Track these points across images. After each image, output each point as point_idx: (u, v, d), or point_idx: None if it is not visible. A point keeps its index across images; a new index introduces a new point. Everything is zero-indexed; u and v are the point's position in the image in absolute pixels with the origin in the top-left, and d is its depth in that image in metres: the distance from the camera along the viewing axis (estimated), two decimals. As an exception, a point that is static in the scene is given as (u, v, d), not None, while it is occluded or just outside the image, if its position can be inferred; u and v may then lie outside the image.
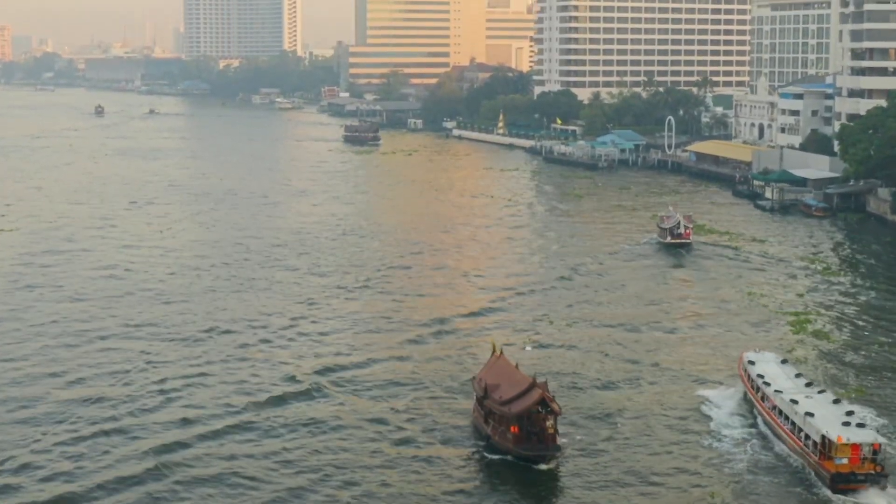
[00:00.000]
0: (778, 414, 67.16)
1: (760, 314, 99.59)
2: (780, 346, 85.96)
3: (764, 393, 69.84)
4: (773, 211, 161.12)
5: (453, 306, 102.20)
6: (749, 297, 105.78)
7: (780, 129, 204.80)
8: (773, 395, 68.32)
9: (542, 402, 64.05)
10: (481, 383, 68.29)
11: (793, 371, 73.56)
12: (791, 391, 68.30)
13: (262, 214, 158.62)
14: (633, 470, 63.47)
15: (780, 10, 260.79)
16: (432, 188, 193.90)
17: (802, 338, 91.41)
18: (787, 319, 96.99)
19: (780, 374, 72.20)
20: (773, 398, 68.10)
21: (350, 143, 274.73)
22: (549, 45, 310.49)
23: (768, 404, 68.91)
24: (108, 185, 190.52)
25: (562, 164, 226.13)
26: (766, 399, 69.30)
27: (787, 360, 77.51)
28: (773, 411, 68.02)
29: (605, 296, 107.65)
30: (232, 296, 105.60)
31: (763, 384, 70.45)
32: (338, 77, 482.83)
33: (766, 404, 69.23)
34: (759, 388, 70.77)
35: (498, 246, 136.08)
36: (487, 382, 67.58)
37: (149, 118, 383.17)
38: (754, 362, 74.51)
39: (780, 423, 66.59)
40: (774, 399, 67.93)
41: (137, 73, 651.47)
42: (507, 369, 69.82)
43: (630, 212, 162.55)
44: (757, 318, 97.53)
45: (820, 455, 61.31)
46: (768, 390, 69.31)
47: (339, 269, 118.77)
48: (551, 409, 64.09)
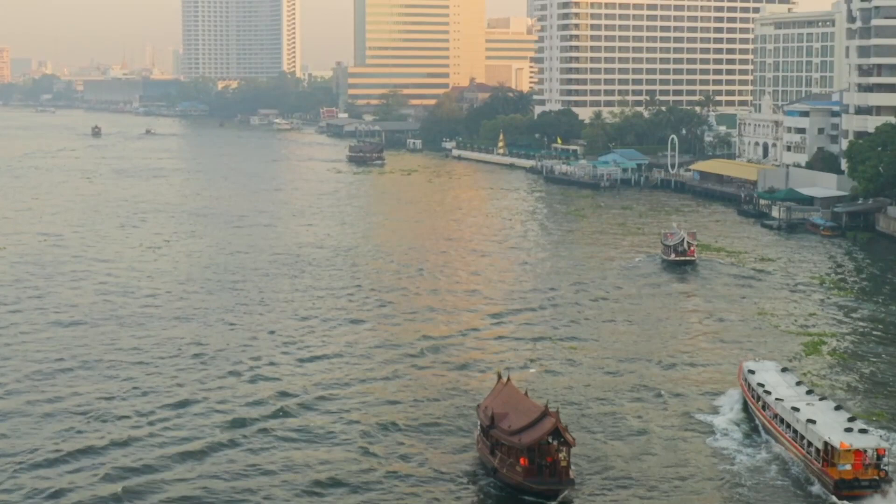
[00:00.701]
0: (779, 422, 66.43)
1: (772, 334, 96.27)
2: (794, 368, 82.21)
3: (764, 401, 69.06)
4: (780, 230, 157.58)
5: (453, 327, 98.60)
6: (759, 317, 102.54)
7: (785, 147, 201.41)
8: (774, 403, 67.47)
9: (555, 433, 59.59)
10: (487, 412, 63.67)
11: (793, 379, 72.82)
12: (792, 399, 67.42)
13: (257, 234, 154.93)
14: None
15: (784, 28, 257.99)
16: (431, 208, 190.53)
17: (816, 358, 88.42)
18: (800, 340, 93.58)
19: (781, 382, 71.37)
20: (774, 406, 67.28)
21: (354, 163, 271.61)
22: (550, 63, 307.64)
23: (769, 413, 68.15)
24: (100, 205, 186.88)
25: (563, 183, 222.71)
26: (767, 407, 68.53)
27: (788, 369, 76.52)
28: (773, 420, 67.26)
29: (609, 314, 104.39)
30: (223, 317, 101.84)
31: (763, 392, 69.61)
32: (336, 98, 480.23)
33: (767, 413, 68.47)
34: (760, 396, 70.00)
35: (498, 265, 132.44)
36: (494, 411, 63.03)
37: (145, 138, 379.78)
38: (754, 371, 73.66)
39: (782, 432, 65.86)
40: (775, 407, 67.12)
41: (136, 94, 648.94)
42: (515, 397, 65.28)
43: (634, 231, 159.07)
44: (768, 338, 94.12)
45: (823, 462, 60.63)
46: (769, 399, 68.49)
47: (336, 289, 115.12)
48: (565, 440, 59.61)
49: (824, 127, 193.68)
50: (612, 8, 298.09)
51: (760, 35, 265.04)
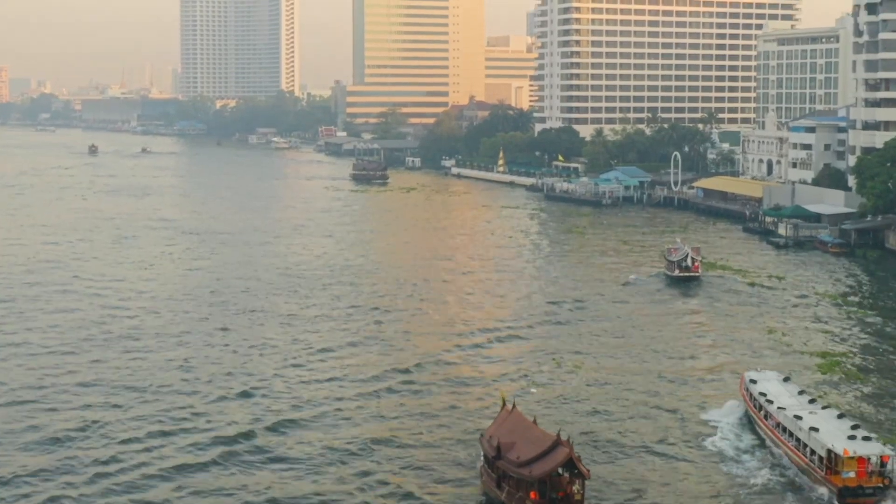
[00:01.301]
0: (781, 431, 65.77)
1: (785, 354, 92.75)
2: (807, 385, 78.59)
3: (767, 411, 68.39)
4: (787, 248, 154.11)
5: (452, 347, 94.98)
6: (770, 336, 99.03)
7: (791, 163, 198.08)
8: (777, 412, 66.79)
9: (569, 464, 55.44)
10: (492, 441, 59.23)
11: (796, 389, 72.08)
12: (795, 408, 66.84)
13: (252, 252, 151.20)
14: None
15: (787, 44, 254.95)
16: (430, 225, 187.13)
17: (824, 373, 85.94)
18: (815, 361, 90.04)
19: (783, 391, 70.85)
20: (777, 415, 66.59)
21: (358, 181, 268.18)
22: (551, 81, 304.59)
23: (771, 422, 67.44)
24: (93, 222, 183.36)
25: (564, 201, 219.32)
26: (769, 417, 67.81)
27: (790, 379, 75.56)
28: (776, 429, 66.60)
29: (613, 333, 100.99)
30: (212, 337, 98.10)
31: (766, 402, 69.00)
32: (335, 117, 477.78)
33: (770, 422, 67.74)
34: (762, 406, 69.30)
35: (499, 283, 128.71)
36: (500, 440, 58.62)
37: (141, 157, 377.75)
38: (756, 381, 72.99)
39: (784, 441, 65.20)
40: (777, 416, 66.43)
41: (134, 113, 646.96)
42: (522, 425, 60.98)
43: (637, 248, 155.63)
44: (781, 359, 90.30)
45: (826, 470, 59.97)
46: (771, 408, 67.80)
47: (331, 308, 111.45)
48: (579, 472, 55.62)
49: (831, 143, 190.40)
50: (613, 24, 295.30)
51: (763, 52, 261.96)
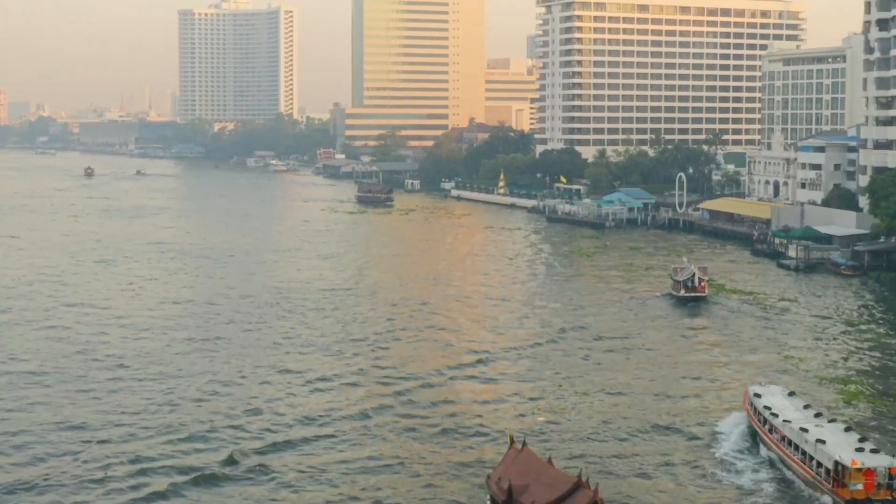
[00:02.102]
0: (787, 444, 64.84)
1: (803, 380, 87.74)
2: (823, 409, 73.71)
3: (772, 424, 67.32)
4: (798, 270, 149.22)
5: (453, 373, 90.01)
6: (787, 361, 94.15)
7: (799, 184, 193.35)
8: (782, 425, 65.80)
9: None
10: (502, 484, 53.18)
11: (801, 403, 70.94)
12: (800, 421, 65.85)
13: (246, 274, 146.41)
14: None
15: (793, 64, 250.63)
16: (430, 247, 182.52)
17: (845, 398, 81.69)
18: (835, 387, 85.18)
19: (788, 405, 69.71)
20: (782, 428, 65.64)
21: (363, 203, 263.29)
22: (552, 101, 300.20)
23: (776, 436, 66.51)
24: (83, 244, 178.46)
25: (566, 223, 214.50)
26: (774, 430, 66.86)
27: (795, 393, 74.43)
28: (781, 442, 65.68)
29: (621, 357, 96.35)
30: (197, 363, 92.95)
31: (770, 415, 67.93)
32: (334, 139, 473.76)
33: (775, 436, 66.81)
34: (767, 419, 68.22)
35: (501, 305, 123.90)
36: (512, 483, 52.41)
37: (137, 179, 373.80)
38: (760, 395, 71.75)
39: (790, 454, 64.27)
40: (783, 429, 65.49)
41: (132, 136, 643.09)
42: (535, 465, 54.87)
43: (642, 270, 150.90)
44: (801, 385, 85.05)
45: (833, 482, 58.95)
46: (776, 421, 66.76)
47: (325, 333, 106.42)
48: None
49: (840, 163, 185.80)
50: (615, 44, 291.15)
51: (769, 72, 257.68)
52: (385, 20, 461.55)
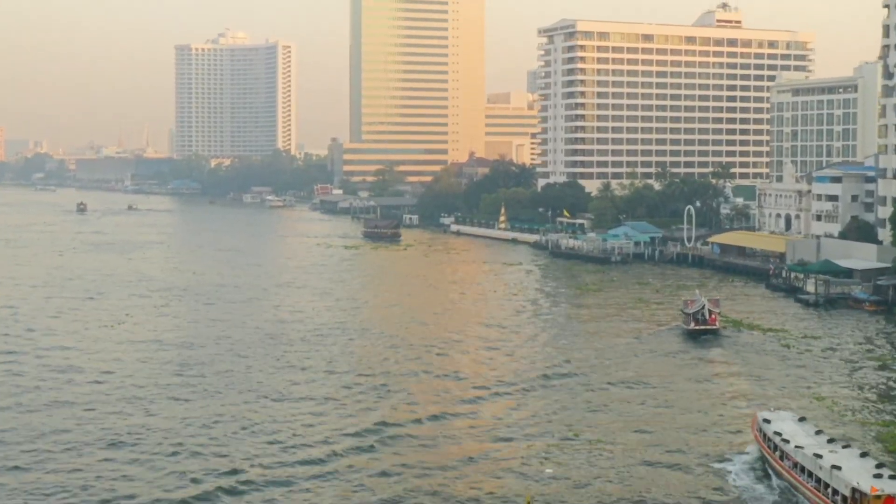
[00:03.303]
0: (800, 471, 62.53)
1: (839, 424, 79.73)
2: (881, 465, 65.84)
3: (783, 451, 65.15)
4: (818, 305, 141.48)
5: (455, 416, 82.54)
6: (820, 404, 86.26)
7: (814, 216, 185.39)
8: (794, 451, 63.67)
9: None
10: None
11: (812, 428, 68.75)
12: (813, 447, 63.41)
13: (236, 310, 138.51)
14: None
15: (802, 95, 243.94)
16: (430, 283, 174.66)
17: (871, 434, 76.70)
18: (876, 431, 77.50)
19: (799, 431, 67.52)
20: (794, 455, 63.49)
21: (370, 238, 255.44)
22: (554, 134, 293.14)
23: (788, 462, 64.29)
24: (65, 279, 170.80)
25: (570, 258, 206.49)
26: (786, 457, 64.67)
27: (805, 419, 72.11)
28: (793, 469, 63.42)
29: (627, 394, 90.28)
30: (179, 402, 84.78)
31: (781, 441, 65.68)
32: (332, 175, 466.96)
33: (786, 463, 64.60)
34: (777, 446, 66.02)
35: (504, 343, 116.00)
36: None
37: (128, 214, 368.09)
38: (770, 420, 69.59)
39: (803, 482, 61.89)
40: (795, 456, 63.33)
41: (128, 173, 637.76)
42: None
43: (652, 306, 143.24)
44: (837, 430, 76.66)
45: None
46: (788, 447, 64.64)
47: (318, 371, 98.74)
48: None
49: (858, 194, 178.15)
50: (619, 75, 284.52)
51: (777, 103, 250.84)
52: (383, 54, 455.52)
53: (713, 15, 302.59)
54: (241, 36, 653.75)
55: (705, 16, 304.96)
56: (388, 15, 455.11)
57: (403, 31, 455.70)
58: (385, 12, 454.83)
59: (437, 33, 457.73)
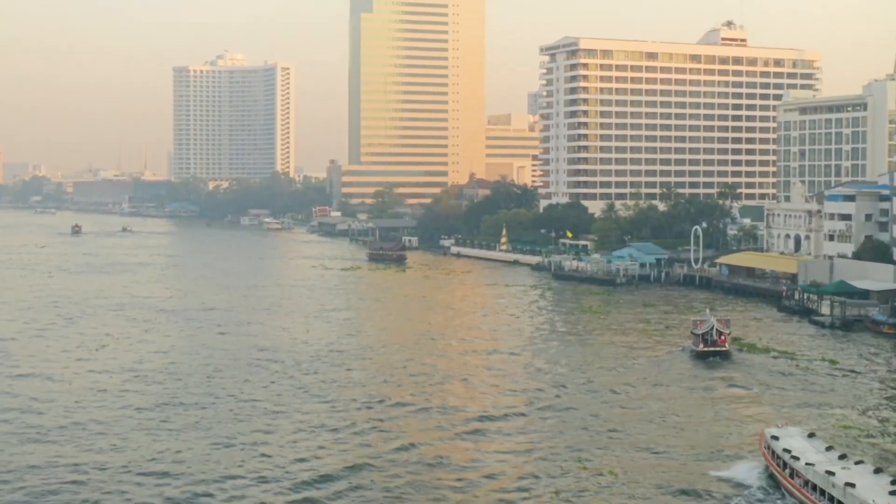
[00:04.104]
0: (811, 489, 60.59)
1: (870, 452, 73.92)
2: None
3: (793, 468, 63.25)
4: (834, 328, 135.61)
5: (459, 446, 77.11)
6: (846, 432, 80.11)
7: (827, 236, 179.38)
8: (804, 468, 61.83)
9: None
10: None
11: (822, 445, 67.25)
12: (825, 464, 61.65)
13: (226, 333, 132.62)
14: None
15: (810, 114, 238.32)
16: (430, 305, 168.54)
17: None
18: (890, 449, 71.77)
19: (809, 447, 65.88)
20: (805, 472, 61.62)
21: (375, 261, 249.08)
22: (557, 154, 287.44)
23: (798, 480, 62.35)
24: (50, 301, 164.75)
25: (574, 280, 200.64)
26: (796, 475, 62.71)
27: (815, 435, 70.43)
28: (804, 487, 61.40)
29: (645, 423, 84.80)
30: (150, 434, 78.69)
31: (791, 458, 63.87)
32: (330, 198, 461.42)
33: (797, 480, 62.62)
34: (787, 463, 64.15)
35: (506, 367, 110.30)
36: None
37: (123, 236, 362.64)
38: (778, 437, 67.96)
39: (814, 500, 59.85)
40: (806, 473, 61.44)
41: (125, 195, 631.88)
42: None
43: (660, 328, 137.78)
44: (871, 460, 70.62)
45: None
46: (798, 464, 62.78)
47: (314, 396, 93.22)
48: None
49: (872, 213, 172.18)
50: (622, 94, 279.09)
51: (784, 122, 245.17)
52: (383, 76, 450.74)
53: (718, 33, 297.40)
54: (240, 58, 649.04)
55: (710, 34, 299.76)
56: (388, 36, 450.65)
57: (403, 52, 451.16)
58: (385, 33, 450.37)
59: (437, 54, 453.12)
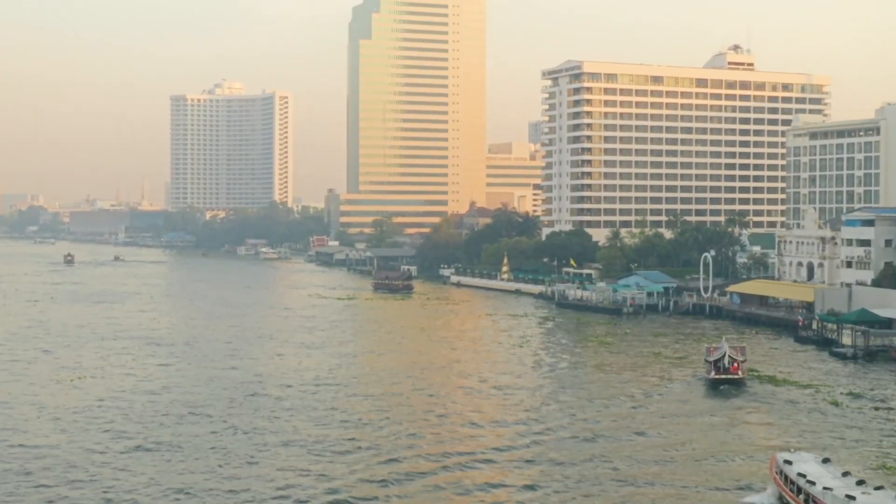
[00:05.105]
0: None
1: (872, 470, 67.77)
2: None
3: (808, 493, 60.88)
4: (857, 359, 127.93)
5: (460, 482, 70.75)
6: (889, 473, 72.24)
7: (844, 263, 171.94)
8: (822, 493, 59.55)
9: None
10: None
11: (838, 470, 64.51)
12: (843, 489, 59.26)
13: (212, 365, 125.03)
14: None
15: (820, 139, 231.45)
16: (429, 335, 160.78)
17: None
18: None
19: (825, 472, 63.23)
20: (822, 497, 59.36)
21: (381, 291, 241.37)
22: (559, 180, 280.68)
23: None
24: (32, 329, 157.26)
25: (578, 309, 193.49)
26: (813, 500, 60.35)
27: (830, 460, 67.35)
28: None
29: (640, 452, 79.85)
30: (128, 472, 71.32)
31: (806, 483, 61.53)
32: (328, 227, 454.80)
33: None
34: (802, 488, 61.79)
35: (510, 398, 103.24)
36: None
37: (115, 265, 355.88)
38: (791, 462, 65.59)
39: None
40: (823, 498, 59.26)
41: (122, 225, 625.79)
42: None
43: (672, 359, 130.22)
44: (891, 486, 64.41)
45: None
46: (815, 489, 60.45)
47: (311, 435, 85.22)
48: None
49: (892, 238, 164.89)
50: (627, 118, 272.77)
51: (794, 147, 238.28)
52: (382, 103, 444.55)
53: (725, 57, 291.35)
54: (238, 86, 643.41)
55: (716, 58, 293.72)
56: (387, 63, 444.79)
57: (402, 79, 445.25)
58: (384, 60, 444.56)
59: (438, 81, 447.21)
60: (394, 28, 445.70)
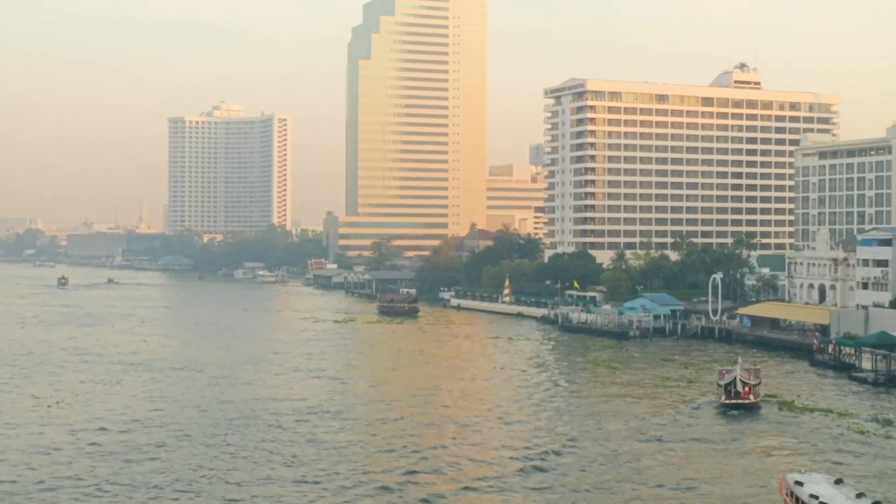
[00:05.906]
0: None
1: None
2: None
3: None
4: (878, 384, 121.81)
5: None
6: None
7: (860, 284, 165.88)
8: None
9: None
10: None
11: (852, 491, 62.57)
12: None
13: (202, 389, 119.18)
14: None
15: (829, 158, 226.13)
16: (430, 359, 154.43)
17: None
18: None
19: (838, 494, 61.38)
20: None
21: (386, 314, 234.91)
22: (562, 201, 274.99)
23: None
24: (16, 352, 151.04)
25: (583, 332, 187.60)
26: None
27: (843, 481, 65.29)
28: None
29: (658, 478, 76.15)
30: None
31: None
32: (327, 250, 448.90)
33: None
34: None
35: (514, 424, 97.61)
36: None
37: (108, 288, 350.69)
38: (802, 483, 63.65)
39: None
40: None
41: (119, 248, 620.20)
42: None
43: (682, 383, 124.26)
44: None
45: None
46: None
47: (308, 467, 79.61)
48: None
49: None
50: (632, 137, 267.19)
51: (802, 167, 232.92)
52: (381, 125, 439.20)
53: (731, 75, 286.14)
54: (237, 108, 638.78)
55: (722, 76, 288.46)
56: (387, 84, 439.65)
57: (402, 100, 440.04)
58: (383, 81, 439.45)
59: (438, 103, 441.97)
60: (393, 49, 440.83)
